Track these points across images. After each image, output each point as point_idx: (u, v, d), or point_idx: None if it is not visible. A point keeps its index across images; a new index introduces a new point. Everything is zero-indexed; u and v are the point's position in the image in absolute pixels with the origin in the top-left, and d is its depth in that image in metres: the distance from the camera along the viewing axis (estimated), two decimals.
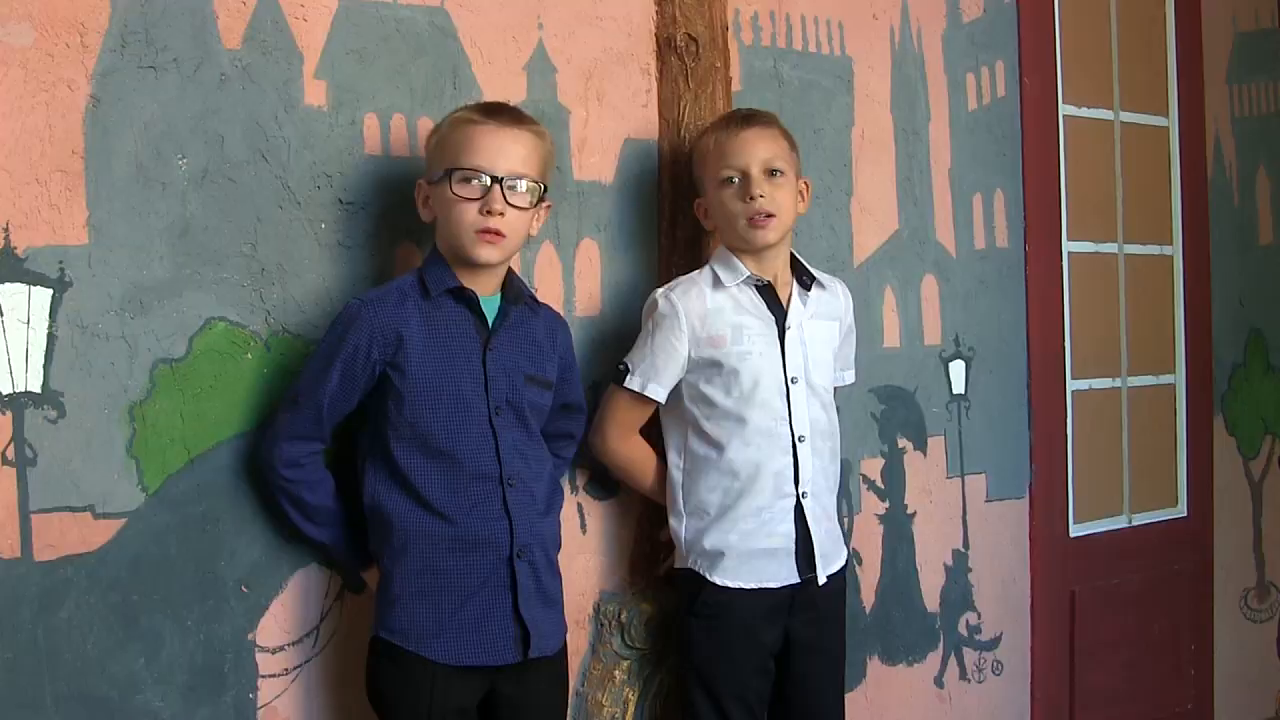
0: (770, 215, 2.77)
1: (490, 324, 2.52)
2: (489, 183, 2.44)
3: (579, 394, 2.77)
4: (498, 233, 2.45)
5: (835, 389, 3.05)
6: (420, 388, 2.43)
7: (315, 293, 2.55)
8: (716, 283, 2.81)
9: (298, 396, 2.44)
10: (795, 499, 2.82)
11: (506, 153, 2.46)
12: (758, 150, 2.78)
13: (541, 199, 2.54)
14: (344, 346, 2.40)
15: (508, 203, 2.45)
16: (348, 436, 2.53)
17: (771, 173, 2.78)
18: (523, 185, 2.48)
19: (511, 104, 2.62)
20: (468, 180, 2.44)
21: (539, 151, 2.52)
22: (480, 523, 2.45)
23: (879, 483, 3.45)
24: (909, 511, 3.52)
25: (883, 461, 3.47)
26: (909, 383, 3.53)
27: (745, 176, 2.77)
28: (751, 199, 2.76)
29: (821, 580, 2.85)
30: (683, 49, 3.02)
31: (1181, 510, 4.30)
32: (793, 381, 2.81)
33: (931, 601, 3.60)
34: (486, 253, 2.46)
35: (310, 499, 2.48)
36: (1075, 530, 3.96)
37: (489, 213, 2.43)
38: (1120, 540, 4.09)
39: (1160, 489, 4.26)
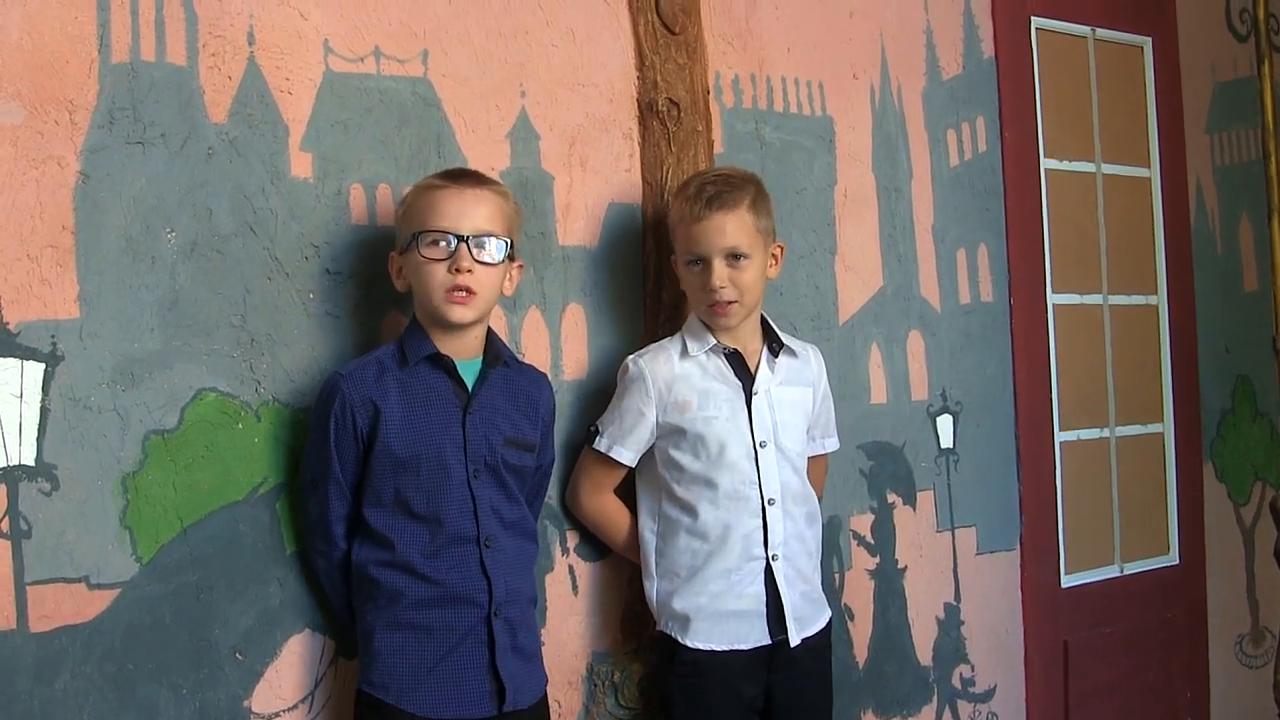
0: (731, 303, 2.80)
1: (470, 387, 2.56)
2: (455, 242, 2.48)
3: (551, 454, 2.81)
4: (469, 290, 2.48)
5: (824, 455, 3.10)
6: (401, 456, 2.47)
7: (305, 362, 2.58)
8: (685, 351, 2.85)
9: (316, 481, 2.49)
10: (765, 561, 2.83)
11: (469, 213, 2.50)
12: (718, 240, 2.78)
13: (512, 257, 2.58)
14: (331, 421, 2.46)
15: (476, 260, 2.49)
16: None
17: (735, 257, 2.80)
18: (489, 243, 2.51)
19: (480, 170, 2.67)
20: (435, 242, 2.48)
21: (503, 210, 2.57)
22: (460, 583, 2.49)
23: (869, 538, 3.46)
24: (900, 566, 3.53)
25: (872, 517, 3.48)
26: (897, 438, 3.55)
27: (706, 264, 2.79)
28: (711, 290, 2.79)
29: (794, 642, 2.85)
30: (664, 113, 3.06)
31: (1173, 558, 4.31)
32: (761, 445, 2.84)
33: (924, 655, 3.60)
34: (458, 312, 2.50)
35: (343, 583, 2.55)
36: (1067, 580, 3.97)
37: (457, 270, 2.47)
38: (1112, 589, 4.09)
39: (1151, 537, 4.26)
